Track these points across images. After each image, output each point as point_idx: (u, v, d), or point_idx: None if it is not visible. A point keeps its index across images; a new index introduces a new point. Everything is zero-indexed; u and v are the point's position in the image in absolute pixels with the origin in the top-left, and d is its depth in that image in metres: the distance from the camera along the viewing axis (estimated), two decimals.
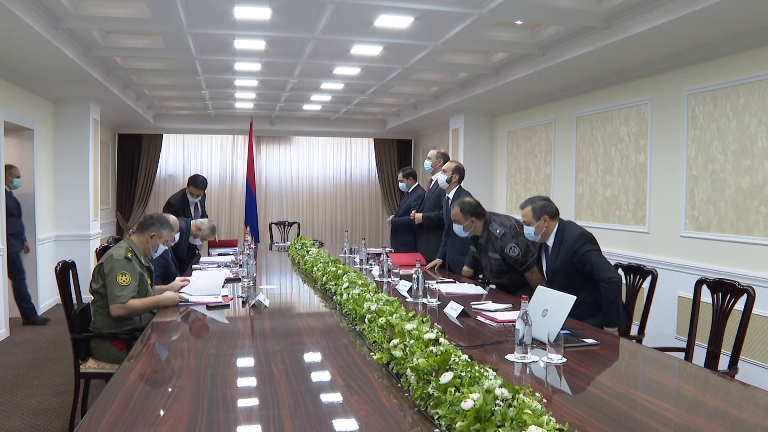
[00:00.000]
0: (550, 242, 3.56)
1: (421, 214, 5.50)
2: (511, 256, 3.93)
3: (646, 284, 3.67)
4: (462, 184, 5.11)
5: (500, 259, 4.02)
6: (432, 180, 5.69)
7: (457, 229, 4.19)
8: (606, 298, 3.31)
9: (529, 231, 3.59)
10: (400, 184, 6.31)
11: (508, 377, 2.06)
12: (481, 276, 4.66)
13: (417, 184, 6.27)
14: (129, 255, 3.42)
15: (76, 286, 3.70)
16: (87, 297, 3.59)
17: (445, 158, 5.61)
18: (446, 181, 5.04)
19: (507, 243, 3.93)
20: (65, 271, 3.52)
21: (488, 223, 4.09)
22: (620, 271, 3.83)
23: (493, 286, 4.17)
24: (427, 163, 5.75)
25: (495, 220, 4.10)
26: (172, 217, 4.78)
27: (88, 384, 3.47)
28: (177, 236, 4.84)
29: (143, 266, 3.55)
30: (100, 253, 4.51)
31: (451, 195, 5.04)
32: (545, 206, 3.54)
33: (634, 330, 3.66)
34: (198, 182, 6.54)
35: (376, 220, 12.13)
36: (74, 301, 3.55)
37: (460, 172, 5.06)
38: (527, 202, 3.61)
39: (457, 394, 1.65)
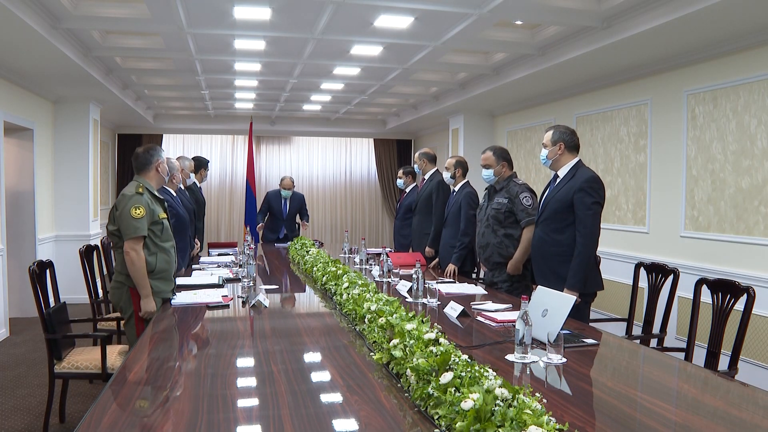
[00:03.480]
0: (561, 173, 3.59)
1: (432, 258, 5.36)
2: (523, 203, 4.11)
3: (667, 283, 3.66)
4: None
5: (505, 204, 4.17)
6: (424, 179, 5.72)
7: (486, 173, 4.32)
8: (574, 258, 3.39)
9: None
10: (398, 181, 6.30)
11: (508, 377, 2.06)
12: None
13: (415, 184, 6.25)
14: (140, 190, 3.49)
15: (53, 285, 3.72)
16: (64, 296, 3.61)
17: (429, 157, 5.77)
18: (450, 177, 5.04)
19: (523, 192, 4.15)
20: (42, 271, 3.52)
21: (513, 176, 4.31)
22: (642, 270, 3.83)
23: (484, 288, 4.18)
24: (415, 166, 5.86)
25: (518, 178, 4.34)
26: (176, 162, 4.90)
27: (66, 384, 3.48)
28: (192, 176, 5.01)
29: (158, 200, 3.62)
30: (85, 253, 4.52)
31: (457, 188, 5.05)
32: (564, 133, 3.58)
33: (655, 328, 3.66)
34: (204, 162, 6.19)
35: (376, 220, 12.13)
36: (51, 301, 3.55)
37: (462, 165, 5.06)
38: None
39: (457, 394, 1.65)
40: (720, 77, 4.69)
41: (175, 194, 4.87)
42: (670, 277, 3.62)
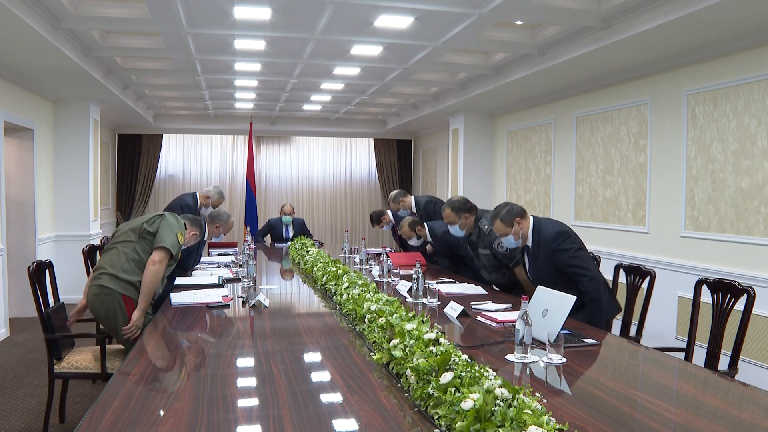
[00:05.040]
0: (529, 242, 3.49)
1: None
2: (499, 251, 3.94)
3: (645, 285, 3.66)
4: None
5: (491, 255, 4.02)
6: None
7: (453, 229, 4.19)
8: (586, 295, 3.26)
9: (509, 241, 3.50)
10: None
11: (508, 377, 2.06)
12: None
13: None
14: (179, 236, 3.54)
15: (53, 285, 3.72)
16: (65, 296, 3.60)
17: (404, 194, 5.81)
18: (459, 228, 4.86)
19: (495, 239, 3.87)
20: (41, 271, 3.51)
21: (478, 220, 4.11)
22: (621, 272, 3.82)
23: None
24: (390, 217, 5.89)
25: (484, 215, 4.08)
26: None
27: (66, 384, 3.47)
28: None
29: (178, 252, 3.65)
30: (88, 253, 4.53)
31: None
32: (510, 210, 3.44)
33: (632, 330, 3.66)
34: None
35: None
36: (51, 301, 3.55)
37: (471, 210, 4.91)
38: (492, 217, 3.51)
39: (457, 394, 1.65)
40: (720, 77, 4.69)
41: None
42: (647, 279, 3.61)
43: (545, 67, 5.64)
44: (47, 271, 3.64)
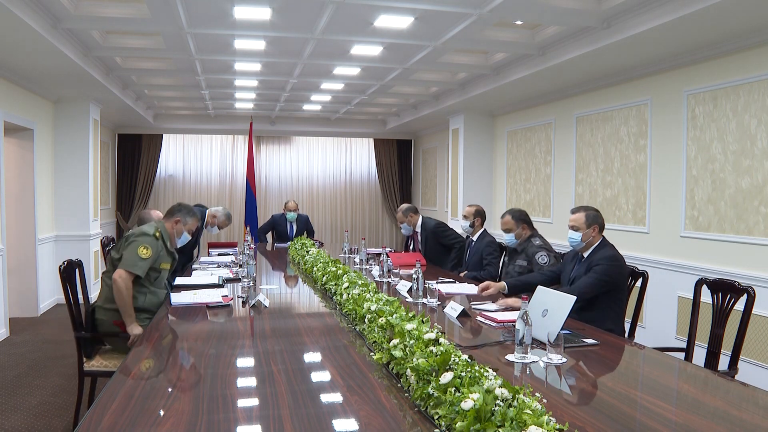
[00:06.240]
0: (586, 254, 3.54)
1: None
2: (539, 262, 4.11)
3: (638, 285, 3.65)
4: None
5: (525, 266, 4.18)
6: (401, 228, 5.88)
7: (508, 237, 4.32)
8: (537, 279, 3.45)
9: (575, 237, 3.53)
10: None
11: (508, 377, 2.06)
12: None
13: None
14: (158, 234, 3.56)
15: (83, 284, 3.71)
16: (93, 297, 3.60)
17: (413, 210, 5.89)
18: (469, 225, 5.07)
19: (539, 251, 4.14)
20: (71, 270, 3.51)
21: (532, 236, 4.30)
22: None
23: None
24: (407, 228, 5.81)
25: (539, 236, 4.32)
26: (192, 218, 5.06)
27: (94, 382, 3.48)
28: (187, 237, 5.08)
29: (168, 251, 3.66)
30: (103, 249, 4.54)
31: (476, 237, 5.08)
32: (597, 217, 3.53)
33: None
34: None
35: (376, 220, 12.13)
36: (80, 300, 3.55)
37: (481, 215, 5.09)
38: (581, 208, 3.61)
39: (457, 394, 1.65)
40: (720, 77, 4.69)
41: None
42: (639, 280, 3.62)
43: (545, 67, 5.64)
44: (77, 270, 3.62)
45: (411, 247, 6.36)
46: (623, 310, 3.46)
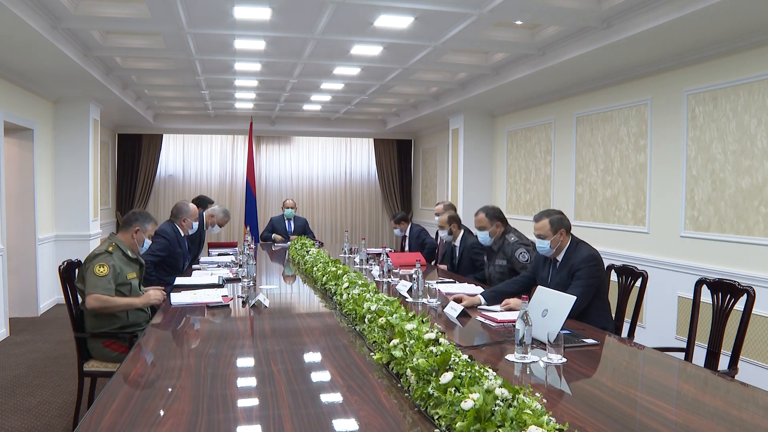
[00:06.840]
0: (559, 257, 3.47)
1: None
2: (519, 260, 4.07)
3: (638, 284, 3.64)
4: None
5: (505, 266, 4.13)
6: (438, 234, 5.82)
7: (482, 235, 4.29)
8: (513, 288, 3.46)
9: (543, 245, 3.44)
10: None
11: (508, 377, 2.06)
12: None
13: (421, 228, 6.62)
14: (110, 249, 3.45)
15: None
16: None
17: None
18: (448, 234, 5.07)
19: (518, 248, 4.12)
20: (70, 270, 3.51)
21: (506, 232, 4.27)
22: (613, 273, 3.80)
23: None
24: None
25: (513, 231, 4.28)
26: (192, 205, 5.19)
27: (94, 382, 3.48)
28: (195, 225, 5.32)
29: (130, 260, 3.57)
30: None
31: (458, 242, 5.08)
32: (562, 220, 3.45)
33: (624, 332, 3.64)
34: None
35: (376, 221, 12.13)
36: (79, 300, 3.54)
37: (455, 219, 5.11)
38: (543, 215, 3.48)
39: (457, 394, 1.65)
40: (720, 77, 4.69)
41: (183, 235, 5.18)
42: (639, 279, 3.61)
43: (545, 67, 5.64)
44: (77, 270, 3.61)
45: (406, 249, 6.37)
46: (608, 303, 3.42)
